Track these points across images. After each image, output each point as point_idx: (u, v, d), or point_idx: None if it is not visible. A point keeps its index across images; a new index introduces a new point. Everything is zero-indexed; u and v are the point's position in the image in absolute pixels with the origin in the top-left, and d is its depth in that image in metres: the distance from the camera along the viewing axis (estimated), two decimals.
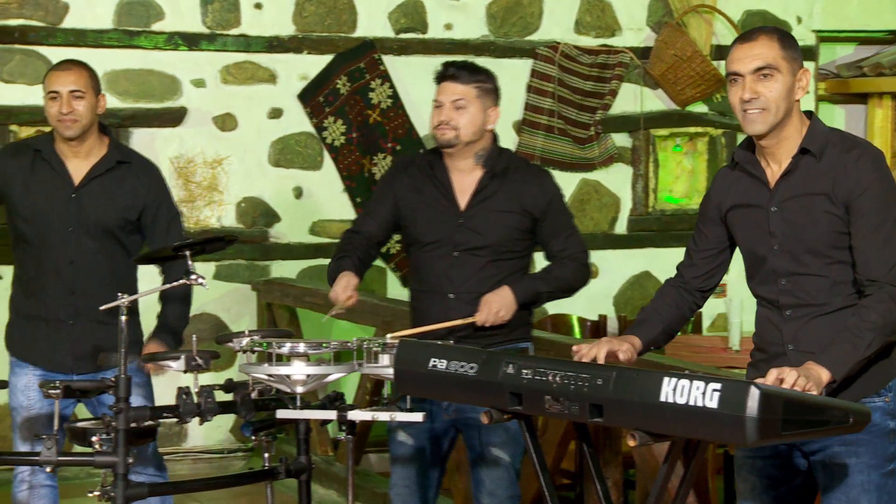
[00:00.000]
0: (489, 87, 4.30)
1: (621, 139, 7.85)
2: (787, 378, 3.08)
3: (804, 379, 3.10)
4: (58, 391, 3.91)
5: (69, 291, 4.49)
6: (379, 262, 4.51)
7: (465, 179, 4.32)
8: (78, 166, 4.57)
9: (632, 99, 7.84)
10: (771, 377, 3.10)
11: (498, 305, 4.18)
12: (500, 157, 4.33)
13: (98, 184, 4.56)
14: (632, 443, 3.07)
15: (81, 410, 4.82)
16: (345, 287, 4.23)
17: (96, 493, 3.82)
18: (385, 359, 3.82)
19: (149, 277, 4.83)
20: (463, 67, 4.30)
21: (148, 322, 4.66)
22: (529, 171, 4.39)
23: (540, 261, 4.45)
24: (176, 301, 4.61)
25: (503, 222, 4.27)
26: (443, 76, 4.30)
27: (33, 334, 4.57)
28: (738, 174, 3.49)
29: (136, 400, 4.47)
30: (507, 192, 4.28)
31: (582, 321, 6.79)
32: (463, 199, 4.30)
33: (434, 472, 4.37)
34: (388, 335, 4.15)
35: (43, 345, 4.54)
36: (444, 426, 4.32)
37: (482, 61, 7.47)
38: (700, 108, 7.99)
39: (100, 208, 4.54)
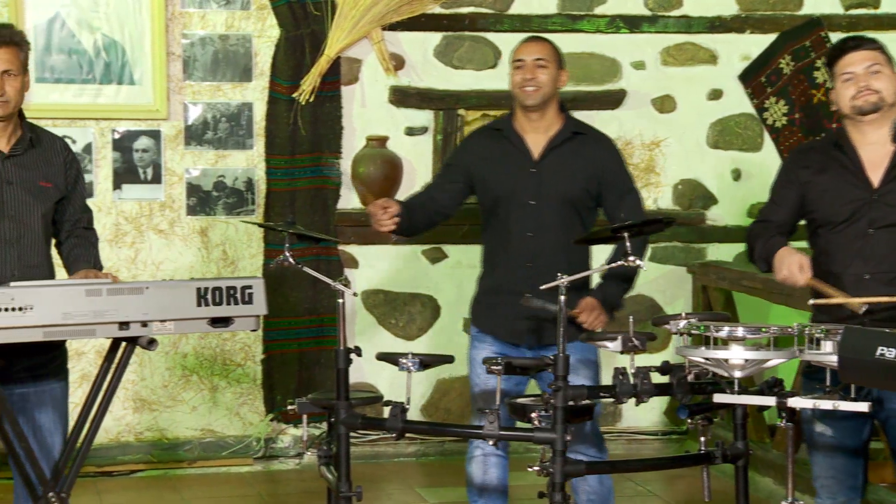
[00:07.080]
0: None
1: None
2: None
3: None
4: (499, 367, 4.04)
5: (526, 263, 4.63)
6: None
7: (876, 154, 4.14)
8: (536, 140, 4.72)
9: None
10: None
11: None
12: None
13: (556, 155, 4.70)
14: None
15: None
16: (800, 266, 4.10)
17: (535, 468, 3.91)
18: (827, 345, 3.70)
19: (600, 248, 4.66)
20: (862, 38, 4.21)
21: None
22: None
23: None
24: (614, 279, 4.65)
25: None
26: (842, 50, 4.16)
27: (494, 304, 4.74)
28: None
29: (578, 379, 4.56)
30: None
31: None
32: (875, 175, 4.13)
33: (857, 460, 4.20)
34: (811, 301, 4.04)
35: (502, 315, 4.70)
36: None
37: None
38: None
39: (560, 180, 4.67)
